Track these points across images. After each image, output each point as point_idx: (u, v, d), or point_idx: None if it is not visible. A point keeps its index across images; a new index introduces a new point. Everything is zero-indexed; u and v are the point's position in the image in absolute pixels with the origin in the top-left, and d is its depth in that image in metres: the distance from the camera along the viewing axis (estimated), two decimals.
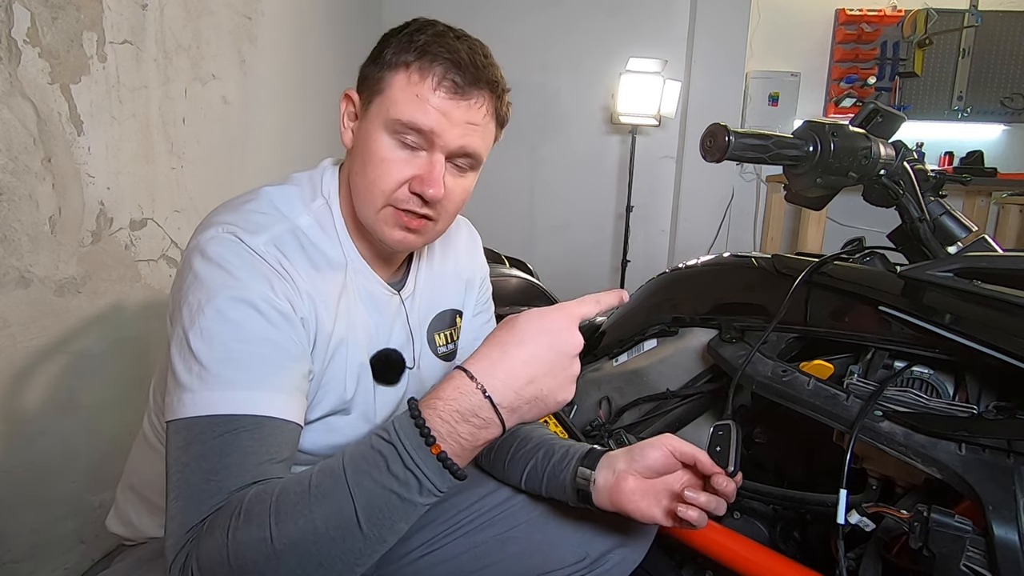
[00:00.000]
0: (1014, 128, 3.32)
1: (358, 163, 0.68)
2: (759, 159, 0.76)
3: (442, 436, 0.53)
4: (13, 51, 1.03)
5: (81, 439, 1.24)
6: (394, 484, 0.53)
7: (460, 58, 0.64)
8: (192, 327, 0.58)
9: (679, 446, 0.70)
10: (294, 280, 0.64)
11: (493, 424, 0.55)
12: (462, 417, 0.54)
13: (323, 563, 0.52)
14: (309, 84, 2.24)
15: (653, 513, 0.68)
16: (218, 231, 0.63)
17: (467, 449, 0.55)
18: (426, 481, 0.53)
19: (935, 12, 3.09)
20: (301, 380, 0.64)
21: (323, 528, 0.52)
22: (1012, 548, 0.60)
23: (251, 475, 0.56)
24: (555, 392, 0.57)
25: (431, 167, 0.65)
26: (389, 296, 0.77)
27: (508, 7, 3.13)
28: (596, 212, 3.31)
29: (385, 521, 0.53)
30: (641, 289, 1.23)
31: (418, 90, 0.64)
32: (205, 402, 0.57)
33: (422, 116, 0.63)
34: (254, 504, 0.53)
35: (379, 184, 0.66)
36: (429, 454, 0.53)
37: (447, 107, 0.64)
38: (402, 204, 0.67)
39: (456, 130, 0.65)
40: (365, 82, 0.69)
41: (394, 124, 0.64)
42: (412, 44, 0.64)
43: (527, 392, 0.56)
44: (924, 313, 0.73)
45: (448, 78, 0.64)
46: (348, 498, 0.52)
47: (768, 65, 3.21)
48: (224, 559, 0.52)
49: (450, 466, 0.53)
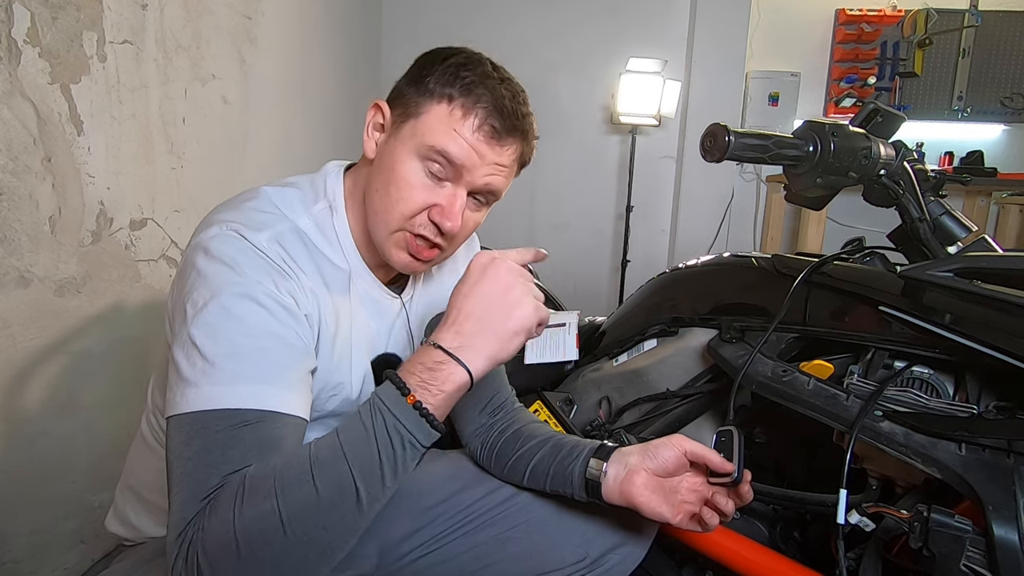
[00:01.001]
0: (1014, 128, 3.31)
1: (380, 181, 0.68)
2: (759, 159, 0.76)
3: (413, 386, 0.58)
4: (13, 51, 1.03)
5: (81, 439, 1.24)
6: (382, 440, 0.56)
7: (504, 105, 0.66)
8: (196, 323, 0.58)
9: (691, 447, 0.71)
10: (298, 277, 0.64)
11: (448, 363, 0.59)
12: (424, 367, 0.59)
13: (327, 527, 0.54)
14: (309, 84, 2.24)
15: (662, 510, 0.69)
16: (221, 228, 0.63)
17: (437, 396, 0.58)
18: (406, 433, 0.57)
19: (935, 12, 3.09)
20: (306, 375, 0.64)
21: (324, 492, 0.54)
22: (1012, 548, 0.60)
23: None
24: (505, 315, 0.60)
25: (453, 200, 0.67)
26: (390, 300, 0.78)
27: (508, 7, 3.12)
28: (596, 212, 3.31)
29: (377, 478, 0.56)
30: (641, 289, 1.23)
31: (457, 125, 0.65)
32: (209, 396, 0.57)
33: (455, 148, 0.65)
34: (256, 480, 0.54)
35: (400, 207, 0.67)
36: (406, 404, 0.57)
37: (481, 148, 0.66)
38: (417, 229, 0.68)
39: (484, 169, 0.67)
40: (401, 100, 0.69)
41: (426, 150, 0.66)
42: (458, 79, 0.65)
43: (468, 327, 0.60)
44: (924, 313, 0.73)
45: (488, 123, 0.65)
46: (343, 460, 0.56)
47: (768, 65, 3.21)
48: (231, 537, 0.52)
49: (426, 414, 0.57)
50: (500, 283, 0.61)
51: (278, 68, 1.99)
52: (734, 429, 0.72)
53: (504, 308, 0.61)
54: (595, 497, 0.72)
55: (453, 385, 0.59)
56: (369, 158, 0.71)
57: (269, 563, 0.53)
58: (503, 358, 0.62)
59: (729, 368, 0.89)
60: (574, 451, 0.76)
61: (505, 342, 0.61)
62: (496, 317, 0.61)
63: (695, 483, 0.73)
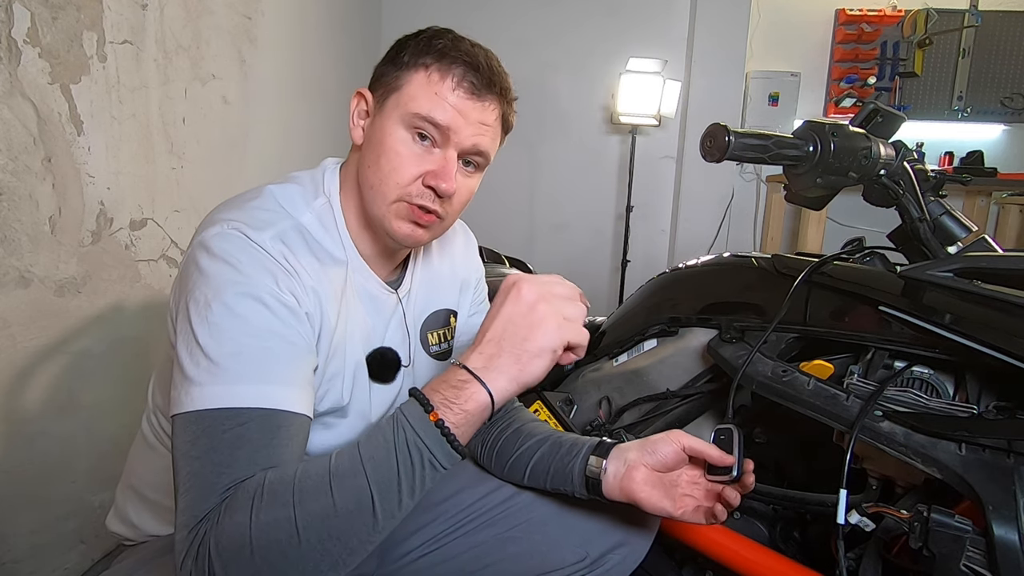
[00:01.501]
0: (1014, 128, 3.31)
1: (371, 157, 0.69)
2: (759, 159, 0.76)
3: (436, 404, 0.58)
4: (13, 51, 1.03)
5: (81, 439, 1.24)
6: (401, 455, 0.56)
7: (478, 62, 0.68)
8: (199, 322, 0.59)
9: (689, 442, 0.71)
10: (299, 275, 0.64)
11: (471, 383, 0.59)
12: (448, 386, 0.59)
13: (340, 537, 0.54)
14: (309, 84, 2.24)
15: (664, 504, 0.69)
16: (223, 227, 0.63)
17: (459, 415, 0.58)
18: (426, 452, 0.56)
19: (935, 12, 3.09)
20: (308, 373, 0.64)
21: (341, 503, 0.54)
22: (1012, 548, 0.60)
23: (262, 468, 0.57)
24: (525, 336, 0.59)
25: (445, 162, 0.68)
26: (387, 295, 0.78)
27: (508, 7, 3.13)
28: (596, 212, 3.31)
29: (394, 495, 0.56)
30: (641, 289, 1.23)
31: (437, 88, 0.67)
32: (214, 395, 0.57)
33: (440, 112, 0.66)
34: (277, 485, 0.54)
35: (393, 177, 0.68)
36: (428, 422, 0.57)
37: (464, 106, 0.67)
38: (415, 199, 0.69)
39: (470, 128, 0.68)
40: (380, 80, 0.71)
41: (411, 118, 0.67)
42: (431, 47, 0.68)
43: (490, 348, 0.60)
44: (924, 313, 0.73)
45: (467, 79, 0.67)
46: (362, 473, 0.55)
47: (768, 65, 3.21)
48: (246, 540, 0.52)
49: (447, 433, 0.57)
50: (524, 303, 0.60)
51: (278, 68, 1.99)
52: (733, 427, 0.72)
53: (525, 328, 0.59)
54: (596, 494, 0.73)
55: (475, 404, 0.58)
56: (358, 144, 0.73)
57: (280, 569, 0.53)
58: (526, 380, 0.60)
59: (729, 368, 0.89)
60: (573, 449, 0.76)
61: (525, 363, 0.59)
62: (516, 338, 0.60)
63: (695, 475, 0.73)
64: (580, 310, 0.62)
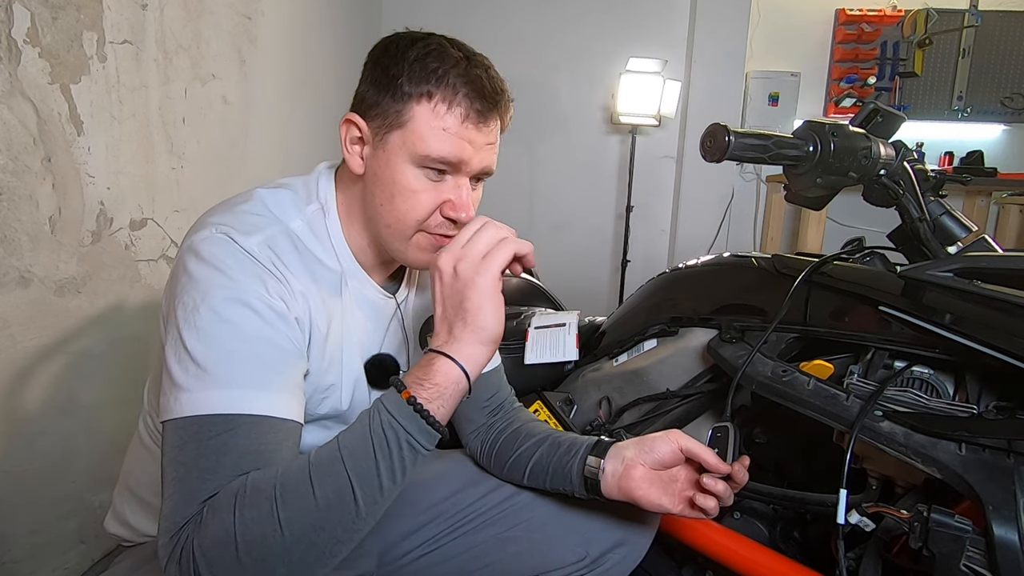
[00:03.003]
0: (1014, 128, 3.31)
1: (383, 195, 0.68)
2: (759, 159, 0.76)
3: (408, 384, 0.59)
4: (13, 51, 1.03)
5: (81, 439, 1.24)
6: (377, 438, 0.57)
7: (482, 86, 0.66)
8: (187, 327, 0.58)
9: (687, 443, 0.71)
10: (288, 280, 0.64)
11: (438, 358, 0.61)
12: (419, 367, 0.61)
13: (324, 528, 0.54)
14: (309, 84, 2.24)
15: (662, 502, 0.70)
16: (211, 232, 0.62)
17: (431, 390, 0.59)
18: (401, 431, 0.57)
19: (935, 12, 3.09)
20: (298, 379, 0.64)
21: (321, 494, 0.54)
22: (1012, 548, 0.60)
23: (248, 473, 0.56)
24: (463, 299, 0.61)
25: (460, 191, 0.68)
26: (385, 301, 0.78)
27: (508, 7, 3.13)
28: (596, 212, 3.31)
29: (374, 480, 0.56)
30: (641, 289, 1.23)
31: (444, 123, 0.65)
32: (202, 401, 0.57)
33: (451, 149, 0.65)
34: (260, 482, 0.55)
35: (412, 215, 0.68)
36: (401, 401, 0.58)
37: (472, 136, 0.66)
38: (434, 229, 0.69)
39: (479, 155, 0.68)
40: (376, 110, 0.67)
41: (423, 160, 0.66)
42: (427, 71, 0.64)
43: (442, 328, 0.63)
44: (924, 313, 0.73)
45: (473, 107, 0.66)
46: (340, 461, 0.56)
47: (768, 65, 3.21)
48: (231, 538, 0.52)
49: (420, 410, 0.57)
50: (446, 275, 0.62)
51: (278, 68, 1.99)
52: (730, 425, 0.72)
53: (457, 294, 0.62)
54: (595, 494, 0.73)
55: (443, 376, 0.60)
56: (358, 174, 0.70)
57: (267, 564, 0.53)
58: (489, 334, 0.61)
59: (729, 368, 0.89)
60: (572, 448, 0.76)
61: (475, 321, 0.61)
62: (456, 307, 0.62)
63: (693, 475, 0.73)
64: (496, 233, 0.63)
